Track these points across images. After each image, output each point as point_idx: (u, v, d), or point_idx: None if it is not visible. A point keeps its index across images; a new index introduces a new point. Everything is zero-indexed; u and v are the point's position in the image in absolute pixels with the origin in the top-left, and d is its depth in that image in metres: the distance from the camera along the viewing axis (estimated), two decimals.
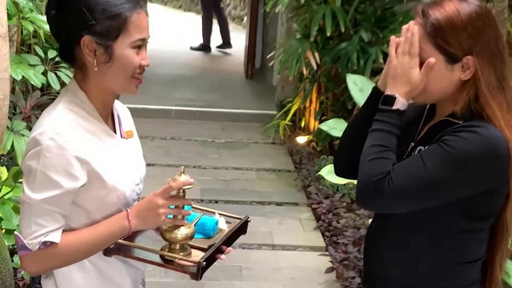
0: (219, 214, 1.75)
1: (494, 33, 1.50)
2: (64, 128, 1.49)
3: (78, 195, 1.51)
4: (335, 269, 3.58)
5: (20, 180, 2.58)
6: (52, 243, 1.49)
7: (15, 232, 1.51)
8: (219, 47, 9.12)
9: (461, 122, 1.50)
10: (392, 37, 1.55)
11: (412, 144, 1.60)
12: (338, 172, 1.79)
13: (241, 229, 1.74)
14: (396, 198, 1.47)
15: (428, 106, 1.65)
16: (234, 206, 4.42)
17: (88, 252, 1.55)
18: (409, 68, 1.50)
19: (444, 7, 1.48)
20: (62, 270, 1.57)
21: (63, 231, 1.51)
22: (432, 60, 1.49)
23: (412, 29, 1.49)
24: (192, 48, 9.08)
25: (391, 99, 1.51)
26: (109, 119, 1.64)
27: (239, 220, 1.75)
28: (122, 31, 1.51)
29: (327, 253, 3.83)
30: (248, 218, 1.77)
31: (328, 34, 4.65)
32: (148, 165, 1.76)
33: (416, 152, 1.56)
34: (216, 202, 4.48)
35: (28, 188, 1.48)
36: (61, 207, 1.49)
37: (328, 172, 2.78)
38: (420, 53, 1.50)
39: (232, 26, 11.33)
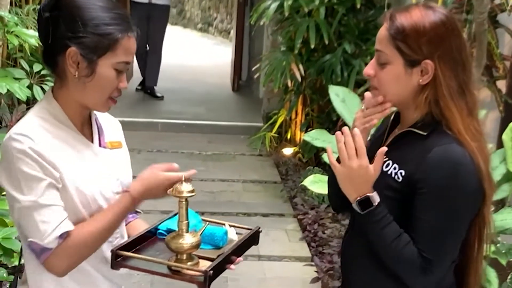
0: (229, 225, 1.75)
1: (457, 41, 1.52)
2: (29, 130, 1.51)
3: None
4: (321, 279, 3.59)
5: (3, 193, 2.58)
6: (67, 233, 1.50)
7: (29, 239, 1.50)
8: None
9: (425, 133, 1.53)
10: (328, 148, 1.53)
11: None
12: (336, 209, 1.86)
13: (252, 239, 1.73)
14: (442, 260, 1.51)
15: (393, 115, 1.68)
16: (221, 218, 4.27)
17: (105, 231, 1.57)
18: (363, 168, 1.49)
19: (410, 13, 1.52)
20: (36, 281, 1.59)
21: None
22: (384, 148, 1.50)
23: (354, 132, 1.49)
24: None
25: (366, 201, 1.51)
26: (86, 127, 1.66)
27: (249, 231, 1.74)
28: (110, 50, 1.52)
29: (312, 263, 3.85)
30: (260, 228, 1.75)
31: (312, 46, 4.69)
32: (134, 178, 1.78)
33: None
34: (203, 214, 4.44)
35: (17, 194, 1.49)
36: (55, 200, 1.50)
37: (311, 182, 2.79)
38: (381, 55, 1.54)
39: (219, 40, 11.37)
